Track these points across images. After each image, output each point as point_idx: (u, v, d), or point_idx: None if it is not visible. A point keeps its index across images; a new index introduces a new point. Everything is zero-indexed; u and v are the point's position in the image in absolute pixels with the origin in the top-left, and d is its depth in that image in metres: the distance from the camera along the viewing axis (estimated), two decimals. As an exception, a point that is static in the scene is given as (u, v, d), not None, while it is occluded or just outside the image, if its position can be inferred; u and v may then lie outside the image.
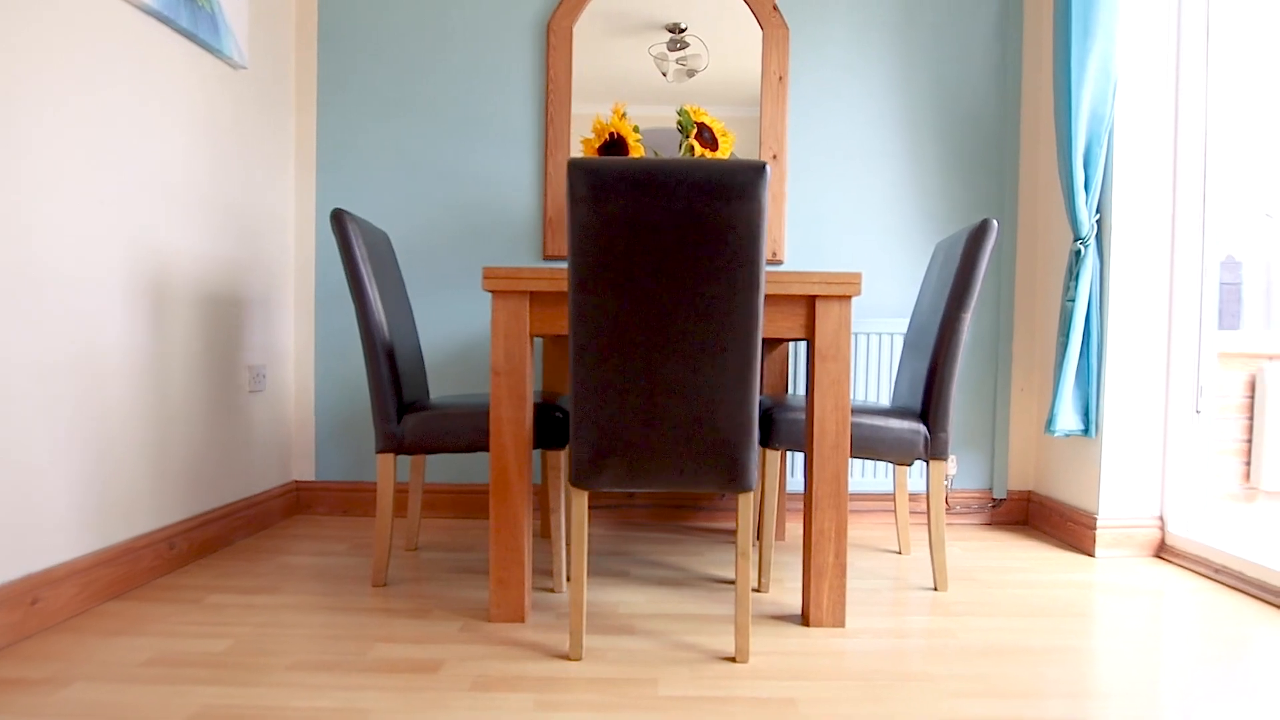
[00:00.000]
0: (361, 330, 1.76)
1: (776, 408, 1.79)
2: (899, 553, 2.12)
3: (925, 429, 1.78)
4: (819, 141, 2.50)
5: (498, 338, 1.53)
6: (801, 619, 1.59)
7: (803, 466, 2.41)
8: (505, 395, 1.54)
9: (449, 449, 1.78)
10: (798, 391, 2.44)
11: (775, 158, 2.50)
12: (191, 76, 1.95)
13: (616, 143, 1.92)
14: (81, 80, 1.57)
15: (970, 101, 2.48)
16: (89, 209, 1.59)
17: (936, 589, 1.79)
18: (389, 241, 2.09)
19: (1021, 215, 2.48)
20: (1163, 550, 2.08)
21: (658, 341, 1.32)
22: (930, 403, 1.79)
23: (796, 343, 2.44)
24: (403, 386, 1.84)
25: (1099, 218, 2.11)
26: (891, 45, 2.48)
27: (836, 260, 2.50)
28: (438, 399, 1.98)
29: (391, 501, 1.77)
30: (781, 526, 2.29)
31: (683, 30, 2.51)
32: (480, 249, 2.50)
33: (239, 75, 2.17)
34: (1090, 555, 2.09)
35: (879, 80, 2.49)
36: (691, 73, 2.50)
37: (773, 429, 1.76)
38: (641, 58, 2.48)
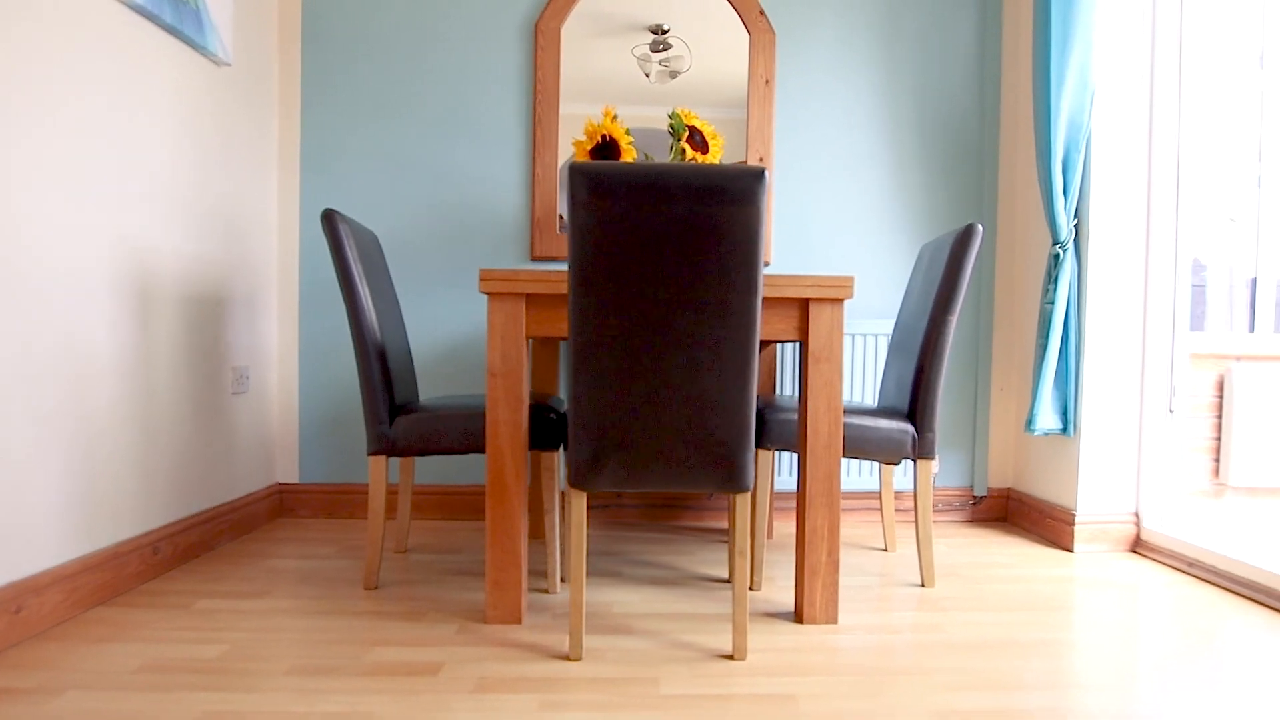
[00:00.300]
0: (353, 331, 1.74)
1: (767, 408, 1.82)
2: (885, 550, 2.16)
3: (913, 429, 1.81)
4: (805, 145, 2.54)
5: (494, 339, 1.53)
6: (795, 616, 1.62)
7: (788, 466, 2.44)
8: (502, 397, 1.54)
9: (442, 451, 1.78)
10: (784, 391, 2.47)
11: (762, 160, 2.53)
12: (175, 73, 1.92)
13: (609, 145, 1.93)
14: (65, 76, 1.53)
15: (952, 108, 2.53)
16: (73, 207, 1.56)
17: (924, 585, 1.83)
18: (378, 242, 2.08)
19: (1000, 219, 2.54)
20: (1138, 545, 2.14)
21: (657, 343, 1.33)
22: (917, 403, 1.82)
23: (783, 344, 2.47)
24: (394, 388, 1.83)
25: (1077, 222, 2.17)
26: (876, 51, 2.53)
27: (823, 262, 2.53)
28: (428, 400, 1.97)
29: (384, 504, 1.76)
30: (769, 525, 2.31)
31: (665, 32, 2.52)
32: (467, 249, 2.49)
33: (223, 72, 2.14)
34: (1069, 550, 2.15)
35: (864, 85, 2.53)
36: (674, 74, 2.51)
37: (764, 429, 1.79)
38: (625, 59, 2.49)
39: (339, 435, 2.50)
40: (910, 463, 2.48)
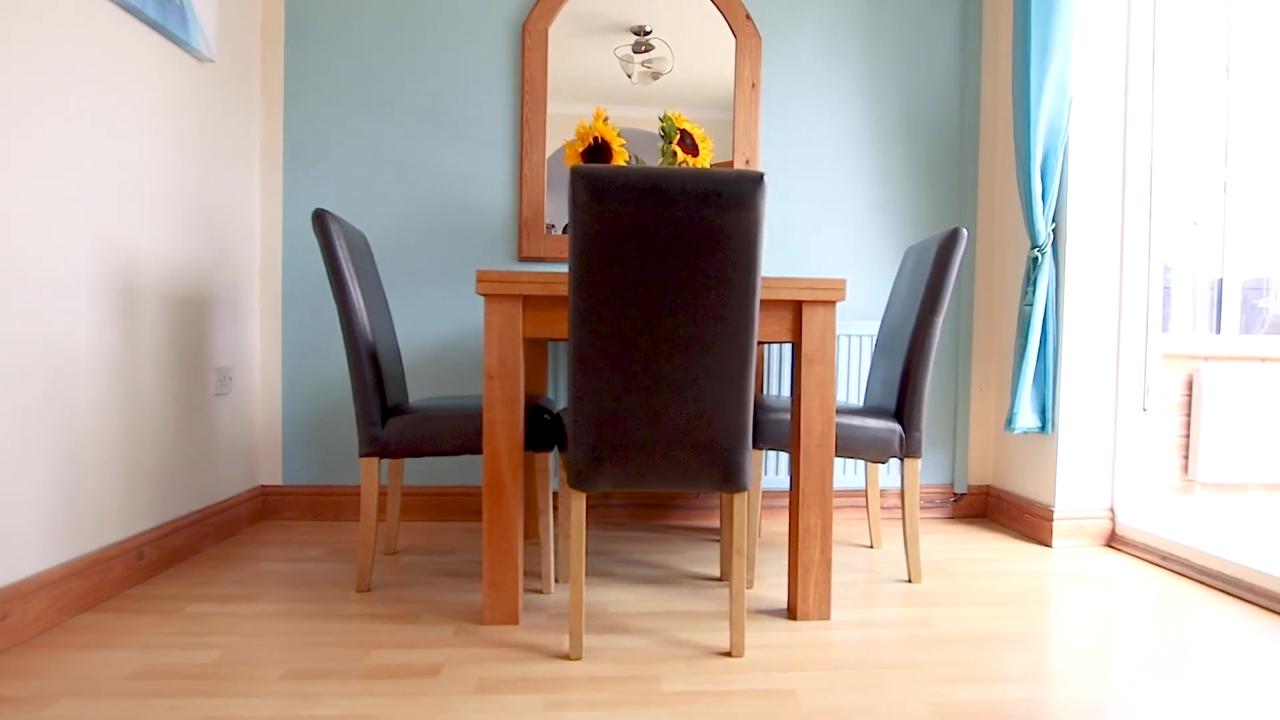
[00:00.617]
0: (345, 332, 1.73)
1: (758, 409, 1.84)
2: (871, 547, 2.20)
3: (900, 428, 1.85)
4: (790, 148, 2.57)
5: (491, 341, 1.54)
6: (788, 613, 1.64)
7: (772, 466, 2.47)
8: (499, 398, 1.54)
9: (434, 452, 1.77)
10: (770, 391, 2.50)
11: (748, 163, 2.55)
12: (159, 69, 1.88)
13: (601, 147, 1.94)
14: (47, 71, 1.50)
15: (933, 113, 2.58)
16: (56, 204, 1.53)
17: (911, 581, 1.87)
18: (367, 242, 2.07)
19: (980, 223, 2.60)
20: (1113, 540, 2.21)
21: (657, 345, 1.34)
22: (905, 403, 1.86)
23: (770, 345, 2.50)
24: (386, 389, 1.82)
25: (1055, 226, 2.23)
26: (859, 57, 2.57)
27: (807, 264, 2.57)
28: (418, 401, 1.97)
29: (376, 506, 1.75)
30: (759, 524, 2.34)
31: (648, 33, 2.54)
32: (453, 250, 2.48)
33: (206, 69, 2.10)
34: (1048, 545, 2.21)
35: (847, 90, 2.57)
36: (656, 75, 2.53)
37: (756, 429, 1.81)
38: (607, 59, 2.50)
39: (323, 437, 2.47)
40: (895, 461, 2.53)
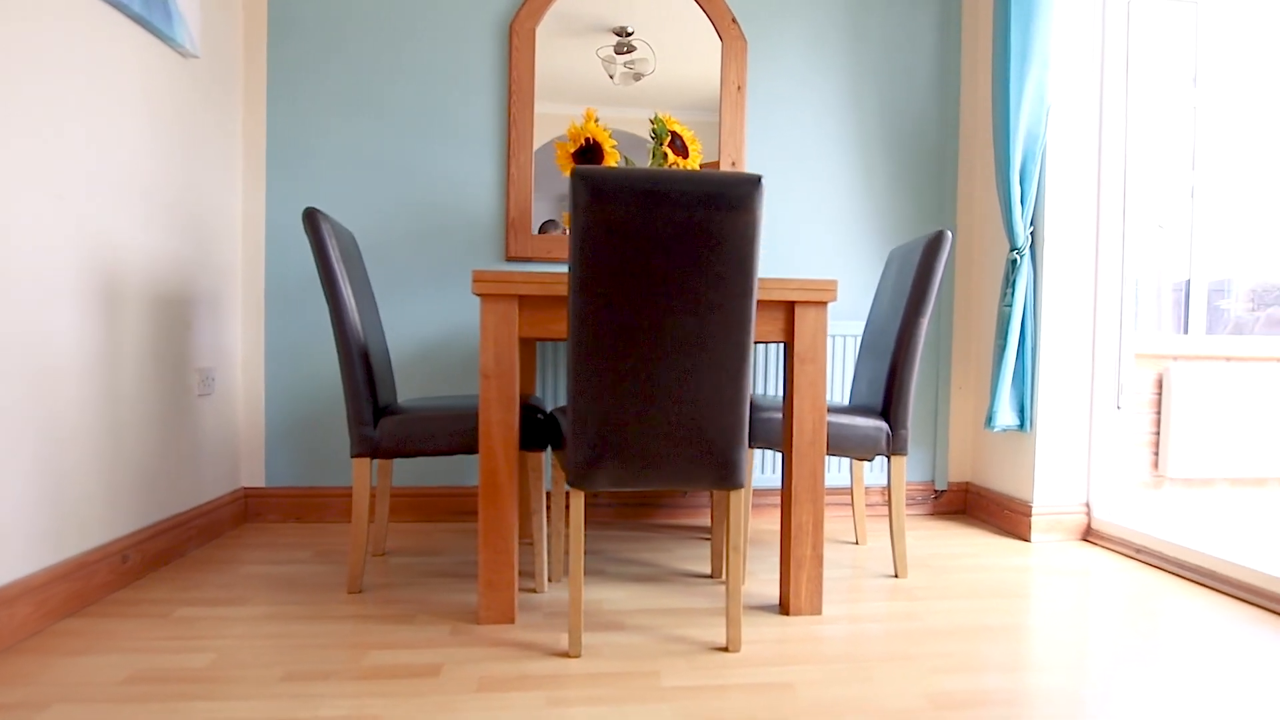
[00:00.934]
0: (336, 332, 1.72)
1: (750, 408, 1.86)
2: (856, 543, 2.23)
3: (887, 426, 1.89)
4: (775, 149, 2.60)
5: (487, 341, 1.54)
6: (780, 608, 1.67)
7: (758, 465, 2.50)
8: (495, 398, 1.55)
9: (426, 452, 1.77)
10: (758, 391, 2.53)
11: (734, 164, 2.58)
12: (143, 64, 1.85)
13: (592, 148, 1.95)
14: (28, 64, 1.47)
15: (914, 117, 2.63)
16: (38, 200, 1.50)
17: (897, 576, 1.91)
18: (355, 241, 2.05)
19: (960, 225, 2.66)
20: (1089, 534, 2.28)
21: (656, 345, 1.36)
22: (891, 401, 1.90)
23: (759, 345, 2.53)
24: (377, 389, 1.81)
25: (1033, 230, 2.29)
26: (842, 61, 2.61)
27: (791, 265, 2.60)
28: (407, 402, 1.96)
29: (367, 507, 1.74)
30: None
31: (630, 34, 2.55)
32: (440, 250, 2.47)
33: (189, 65, 2.07)
34: (1026, 540, 2.27)
35: (831, 94, 2.61)
36: (638, 76, 2.54)
37: (749, 429, 1.83)
38: (589, 59, 2.50)
39: (306, 438, 2.45)
40: (880, 459, 2.57)
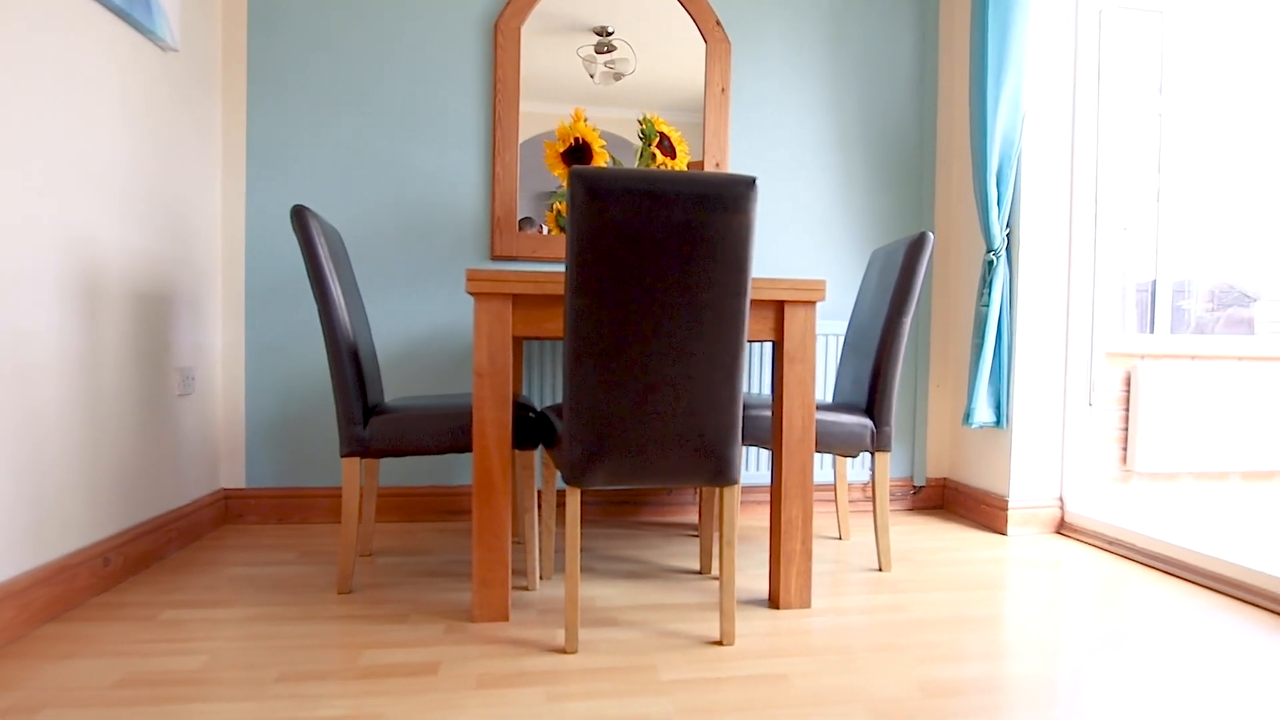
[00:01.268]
0: (325, 331, 1.71)
1: (738, 405, 1.89)
2: (839, 538, 2.28)
3: (872, 423, 1.93)
4: (757, 151, 2.64)
5: (481, 340, 1.54)
6: (770, 602, 1.70)
7: (746, 462, 2.54)
8: (489, 397, 1.55)
9: (417, 451, 1.76)
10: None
11: (718, 165, 2.61)
12: (122, 58, 1.82)
13: (581, 148, 1.96)
14: (6, 57, 1.44)
15: (894, 120, 2.69)
16: (19, 196, 1.46)
17: (881, 569, 1.95)
18: (342, 239, 2.03)
19: (938, 227, 2.72)
20: (1063, 527, 2.35)
21: (651, 343, 1.37)
22: (875, 399, 1.94)
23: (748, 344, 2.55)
24: (366, 389, 1.80)
25: (1009, 232, 2.35)
26: (823, 65, 2.65)
27: (774, 265, 2.64)
28: (395, 401, 1.95)
29: (357, 506, 1.73)
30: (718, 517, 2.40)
31: (610, 33, 2.57)
32: (423, 248, 2.46)
33: (170, 59, 2.03)
34: (1003, 534, 2.34)
35: (812, 96, 2.65)
36: (618, 76, 2.56)
37: (736, 426, 1.86)
38: (571, 59, 2.51)
39: (287, 438, 2.42)
40: (862, 455, 2.62)
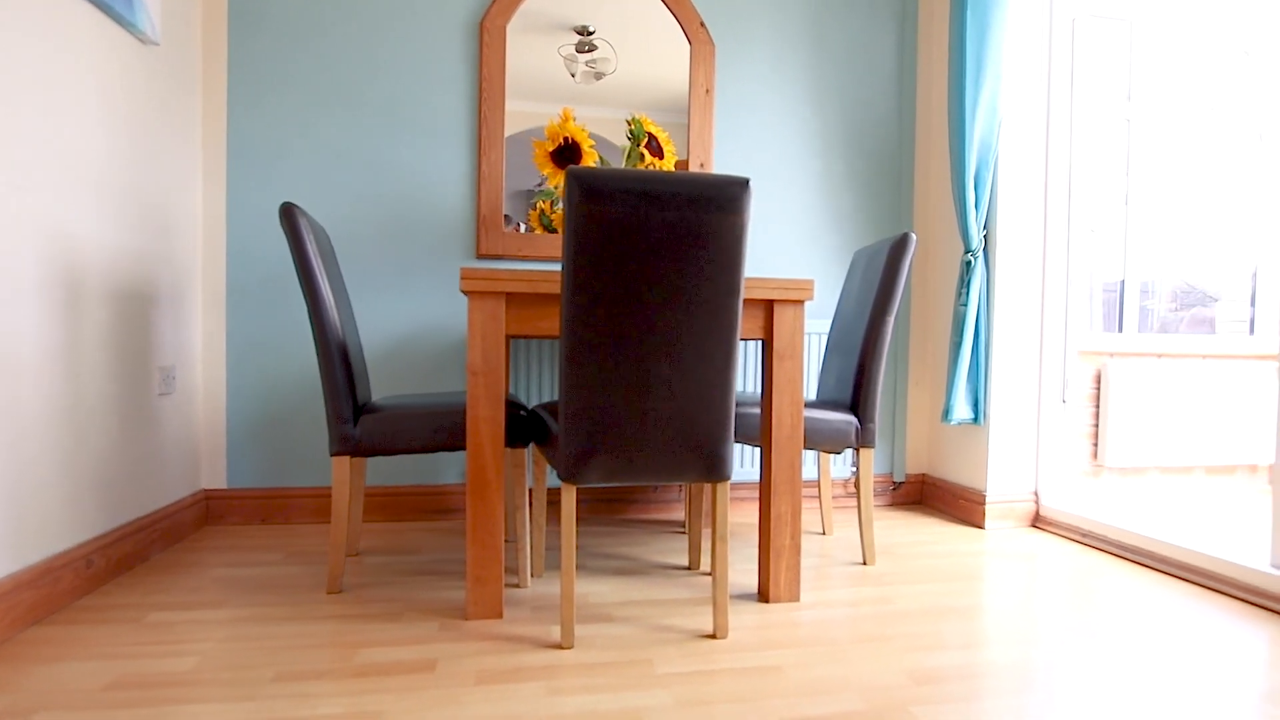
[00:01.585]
0: (315, 330, 1.70)
1: (726, 403, 1.92)
2: (823, 533, 2.32)
3: (857, 420, 1.97)
4: (741, 152, 2.67)
5: (475, 338, 1.55)
6: (759, 596, 1.73)
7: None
8: (482, 395, 1.56)
9: (408, 450, 1.76)
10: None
11: (703, 165, 2.64)
12: (102, 50, 1.78)
13: (570, 147, 1.97)
14: (-4, 51, 1.41)
15: (875, 123, 2.74)
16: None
17: (865, 563, 2.00)
18: (329, 237, 2.02)
19: (916, 228, 2.78)
20: (1038, 520, 2.42)
21: (647, 342, 1.39)
22: (860, 396, 1.98)
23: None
24: (356, 387, 1.79)
25: (986, 233, 2.42)
26: (806, 68, 2.69)
27: (758, 264, 2.67)
28: (382, 399, 1.94)
29: (347, 505, 1.73)
30: (709, 513, 2.42)
31: (591, 33, 2.58)
32: (408, 246, 2.45)
33: (150, 52, 2.00)
34: (981, 528, 2.40)
35: (797, 98, 2.69)
36: (599, 75, 2.57)
37: (725, 423, 1.89)
38: (552, 58, 2.51)
39: (269, 438, 2.39)
40: (845, 451, 2.66)
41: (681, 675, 1.30)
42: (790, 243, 2.70)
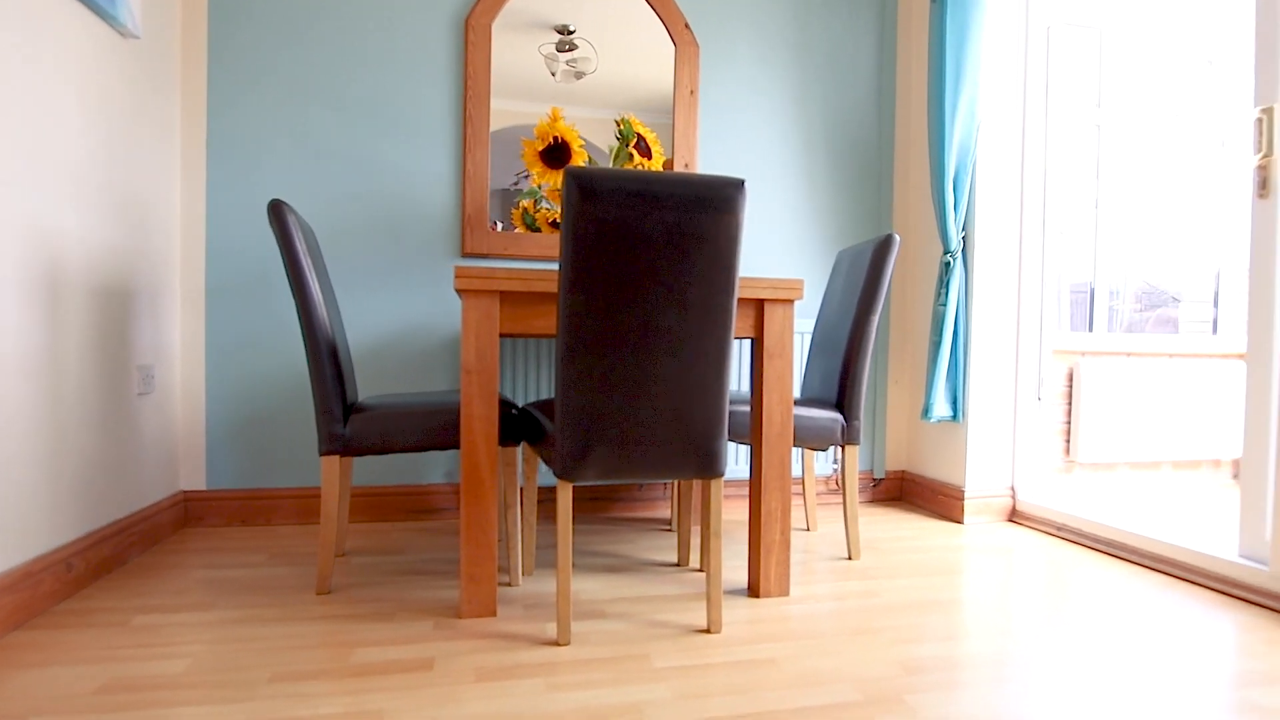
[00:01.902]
0: (304, 328, 1.68)
1: (715, 401, 1.94)
2: (807, 529, 2.35)
3: (842, 418, 2.01)
4: (725, 152, 2.70)
5: (469, 337, 1.55)
6: (749, 590, 1.75)
7: (715, 456, 2.59)
8: (477, 393, 1.56)
9: (400, 449, 1.75)
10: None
11: (687, 166, 2.66)
12: (83, 43, 1.75)
13: (560, 147, 1.98)
14: (-24, 42, 1.38)
15: (856, 125, 2.79)
16: (-17, 189, 1.40)
17: (851, 558, 2.03)
18: (314, 234, 2.00)
19: (896, 229, 2.83)
20: (1014, 515, 2.49)
21: (643, 340, 1.41)
22: (845, 394, 2.02)
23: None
24: (345, 386, 1.78)
25: (965, 234, 2.47)
26: (789, 70, 2.73)
27: (743, 265, 2.70)
28: (370, 398, 1.93)
29: (336, 505, 1.71)
30: (698, 510, 2.45)
31: (571, 32, 2.59)
32: (392, 245, 2.43)
33: (130, 46, 1.96)
34: (960, 522, 2.46)
35: (780, 99, 2.73)
36: (580, 75, 2.57)
37: (714, 421, 1.91)
38: (533, 56, 2.51)
39: (249, 438, 2.36)
40: (830, 448, 2.70)
41: (679, 669, 1.32)
42: (774, 242, 2.73)
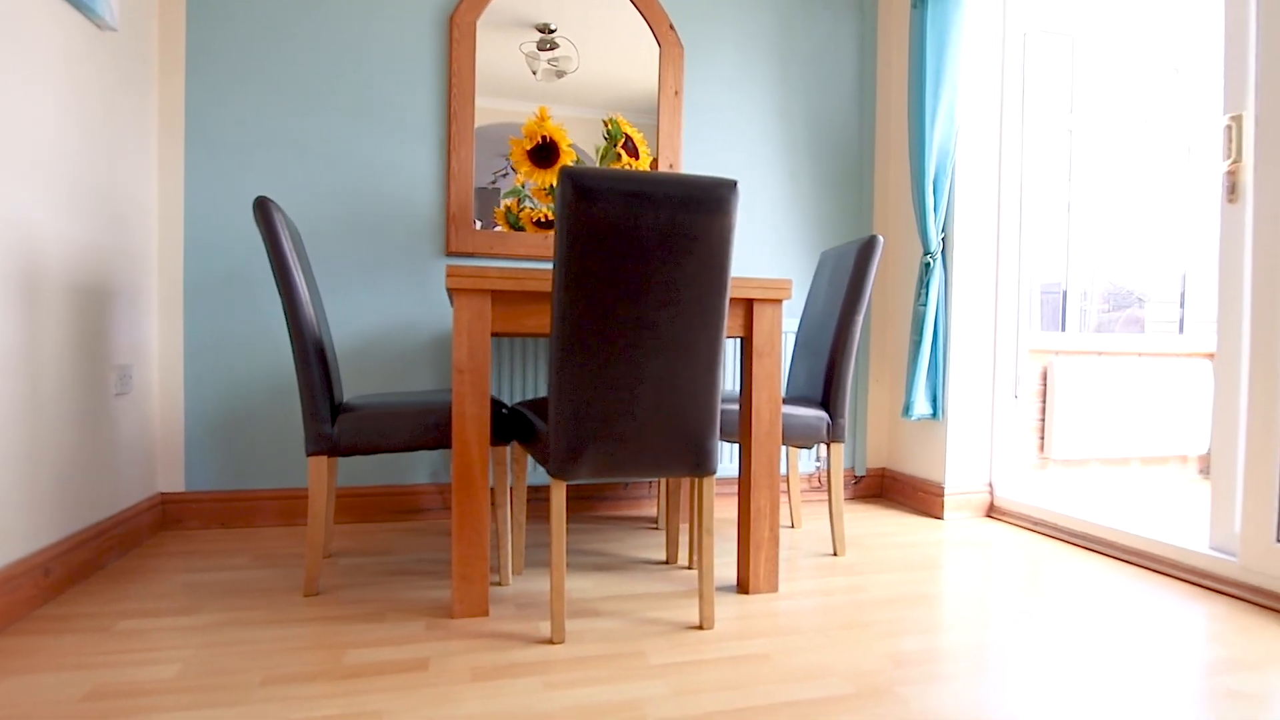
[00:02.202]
0: (291, 327, 1.66)
1: (703, 400, 1.96)
2: (792, 526, 2.38)
3: (828, 416, 2.04)
4: (709, 153, 2.72)
5: (460, 336, 1.54)
6: (738, 587, 1.77)
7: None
8: (468, 392, 1.55)
9: (388, 449, 1.74)
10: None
11: (671, 166, 2.67)
12: (60, 36, 1.71)
13: (548, 146, 1.98)
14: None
15: (838, 127, 2.82)
16: (-40, 184, 1.36)
17: (836, 554, 2.07)
18: (299, 233, 1.98)
19: (876, 230, 2.87)
20: (992, 510, 2.54)
21: (636, 339, 1.42)
22: (831, 393, 2.05)
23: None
24: (332, 385, 1.76)
25: (944, 236, 2.52)
26: (772, 72, 2.76)
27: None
28: (357, 398, 1.91)
29: (324, 506, 1.70)
30: (686, 508, 2.47)
31: (552, 31, 2.59)
32: (375, 243, 2.41)
33: (108, 39, 1.92)
34: (940, 518, 2.50)
35: (762, 100, 2.75)
36: (561, 74, 2.58)
37: (702, 420, 1.92)
38: (514, 55, 2.51)
39: (229, 439, 2.32)
40: (817, 446, 2.74)
41: (674, 665, 1.33)
42: (758, 243, 2.76)
